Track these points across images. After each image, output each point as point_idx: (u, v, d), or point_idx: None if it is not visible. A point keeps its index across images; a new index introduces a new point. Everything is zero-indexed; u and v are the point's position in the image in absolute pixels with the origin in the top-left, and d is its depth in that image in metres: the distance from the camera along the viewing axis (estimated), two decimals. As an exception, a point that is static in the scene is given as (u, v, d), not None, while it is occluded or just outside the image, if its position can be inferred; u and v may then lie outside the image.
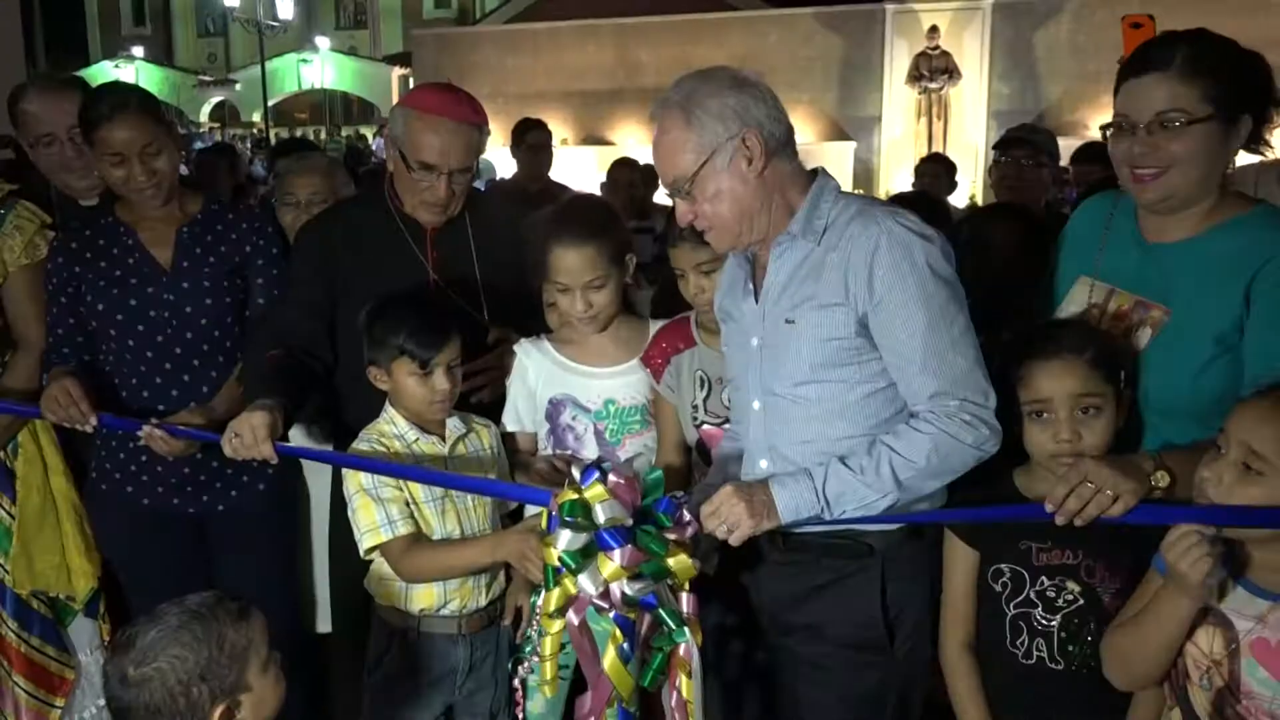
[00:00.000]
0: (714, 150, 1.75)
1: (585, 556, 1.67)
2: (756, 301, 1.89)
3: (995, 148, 4.32)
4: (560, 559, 1.67)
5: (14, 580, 2.46)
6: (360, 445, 2.16)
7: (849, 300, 1.75)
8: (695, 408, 2.18)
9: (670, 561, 1.69)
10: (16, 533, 2.46)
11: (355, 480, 2.12)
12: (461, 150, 2.25)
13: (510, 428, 2.33)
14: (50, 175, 2.67)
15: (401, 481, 2.12)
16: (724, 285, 2.03)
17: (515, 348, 2.30)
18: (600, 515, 1.67)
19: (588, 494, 1.68)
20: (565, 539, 1.67)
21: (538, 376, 2.27)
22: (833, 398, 1.80)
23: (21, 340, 2.49)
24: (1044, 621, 1.79)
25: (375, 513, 2.10)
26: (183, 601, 1.52)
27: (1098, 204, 2.02)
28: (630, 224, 3.50)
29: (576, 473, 1.72)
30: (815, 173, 1.88)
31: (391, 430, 2.16)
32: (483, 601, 2.21)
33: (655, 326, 2.32)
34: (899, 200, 2.41)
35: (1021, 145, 3.94)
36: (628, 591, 1.66)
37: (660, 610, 1.69)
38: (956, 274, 1.77)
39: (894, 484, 1.71)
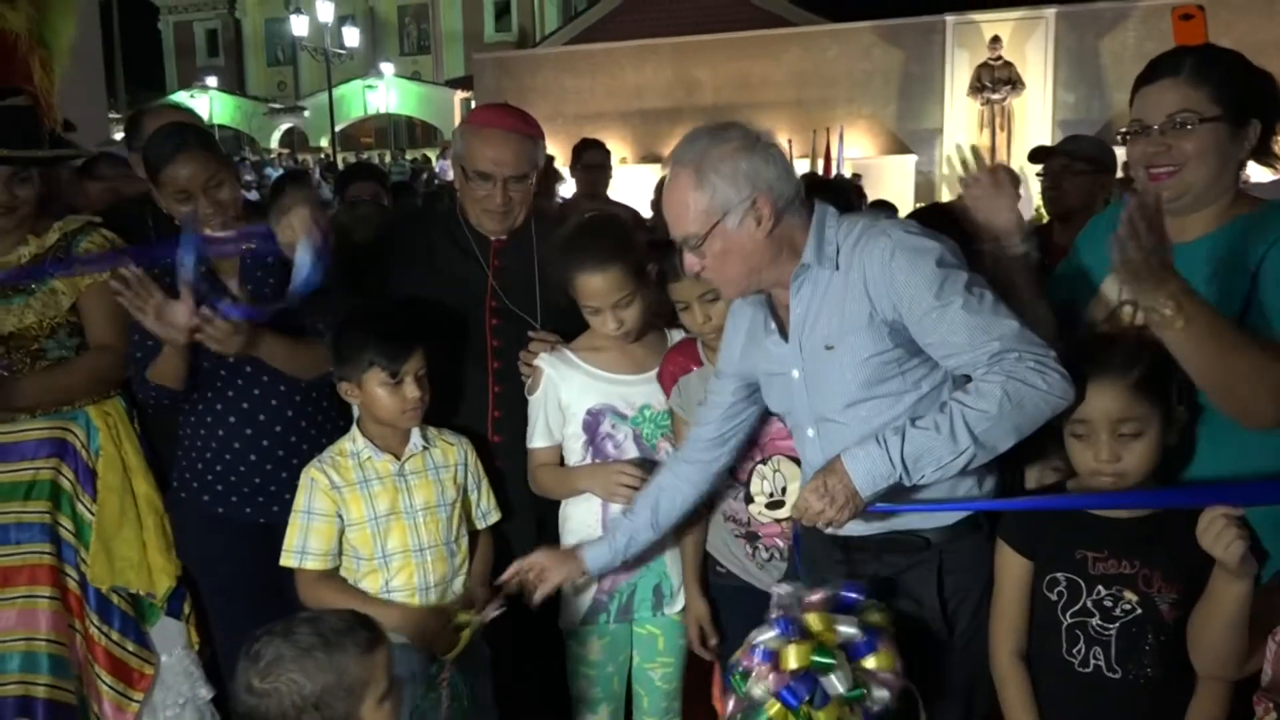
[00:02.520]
0: (725, 213, 1.77)
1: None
2: (785, 338, 1.90)
3: (1030, 160, 4.31)
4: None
5: (94, 575, 2.55)
6: (312, 467, 2.24)
7: (877, 312, 1.77)
8: None
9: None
10: (96, 530, 2.55)
11: (300, 498, 2.23)
12: (513, 157, 2.38)
13: (541, 444, 2.36)
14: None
15: (341, 503, 2.20)
16: (735, 333, 2.01)
17: (538, 363, 2.33)
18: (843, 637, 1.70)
19: (821, 636, 1.69)
20: (839, 686, 1.65)
21: (570, 390, 2.30)
22: (883, 412, 1.81)
23: (100, 345, 2.55)
24: (1101, 630, 1.77)
25: (296, 537, 2.21)
26: (318, 622, 1.55)
27: (1118, 210, 2.04)
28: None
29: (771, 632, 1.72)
30: (811, 204, 1.87)
31: (350, 448, 2.24)
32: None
33: (672, 335, 2.37)
34: (913, 215, 2.46)
35: (1056, 155, 3.92)
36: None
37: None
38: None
39: (969, 438, 1.68)
